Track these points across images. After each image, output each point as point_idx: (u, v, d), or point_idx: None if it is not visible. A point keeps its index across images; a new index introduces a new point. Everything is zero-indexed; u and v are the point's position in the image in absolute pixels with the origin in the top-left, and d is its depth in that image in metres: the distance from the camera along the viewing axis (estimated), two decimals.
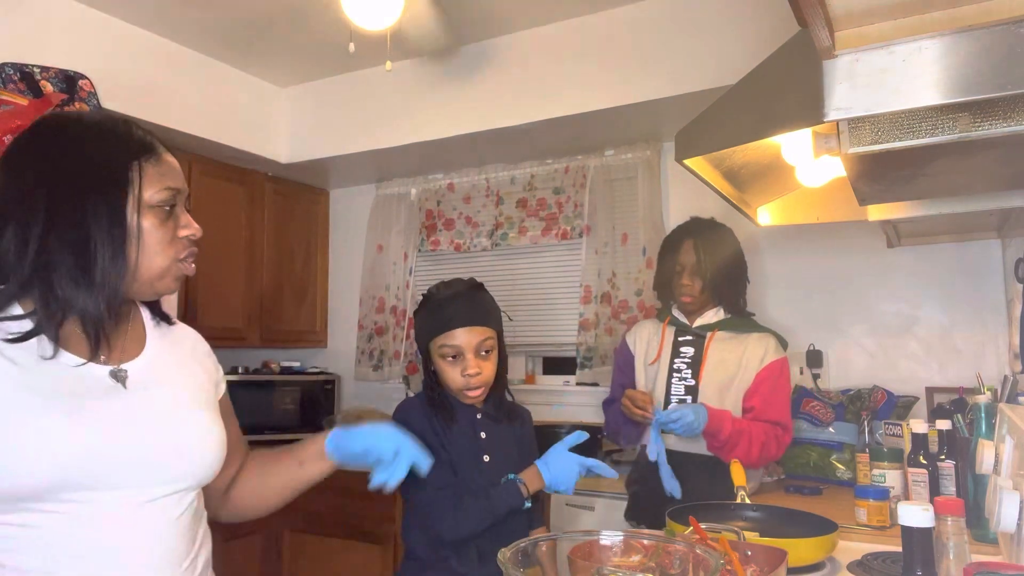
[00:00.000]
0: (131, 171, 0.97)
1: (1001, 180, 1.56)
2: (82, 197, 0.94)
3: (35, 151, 0.98)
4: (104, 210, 0.95)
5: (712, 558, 0.92)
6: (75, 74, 2.61)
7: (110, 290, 0.95)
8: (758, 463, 2.00)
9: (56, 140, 0.99)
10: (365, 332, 3.77)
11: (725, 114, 1.46)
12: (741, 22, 2.55)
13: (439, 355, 1.59)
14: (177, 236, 1.03)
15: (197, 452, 1.03)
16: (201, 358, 1.17)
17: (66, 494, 0.90)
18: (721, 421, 1.92)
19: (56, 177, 0.95)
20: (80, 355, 0.96)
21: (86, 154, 0.98)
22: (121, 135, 1.01)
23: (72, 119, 1.02)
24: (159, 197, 0.99)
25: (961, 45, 0.89)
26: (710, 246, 2.11)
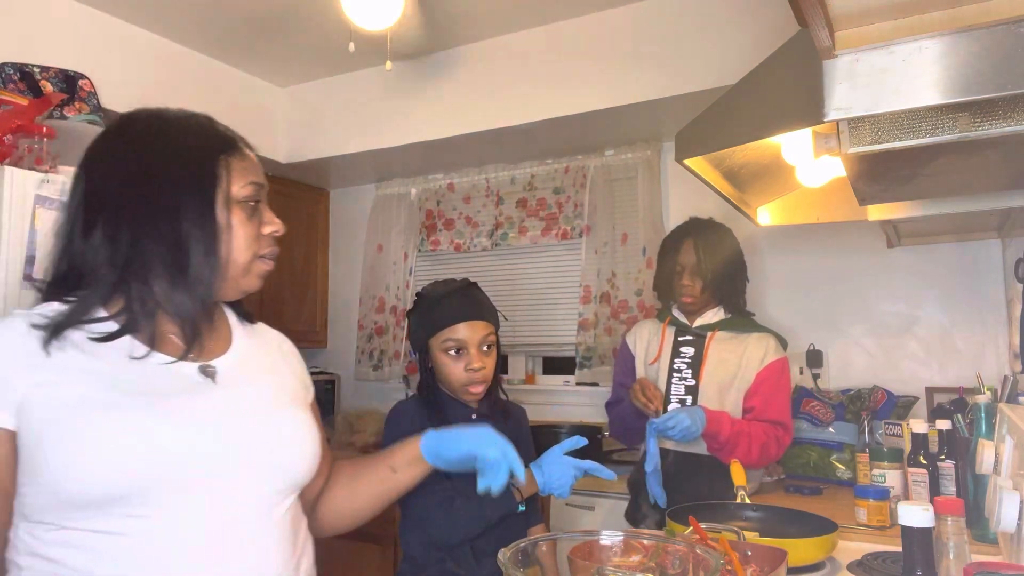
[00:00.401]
0: (219, 166, 0.96)
1: (1001, 180, 1.56)
2: (174, 194, 0.93)
3: (122, 148, 0.97)
4: (196, 207, 0.93)
5: (712, 558, 0.92)
6: (75, 74, 2.62)
7: (204, 287, 0.94)
8: (758, 463, 2.00)
9: (143, 137, 0.97)
10: (365, 332, 3.77)
11: (725, 114, 1.46)
12: (741, 22, 2.55)
13: (441, 350, 1.58)
14: (261, 233, 1.01)
15: (293, 450, 0.99)
16: (289, 358, 1.15)
17: (157, 496, 0.85)
18: (719, 423, 1.92)
19: (146, 174, 0.93)
20: (170, 353, 0.94)
21: (175, 150, 0.96)
22: (206, 130, 1.01)
23: (155, 115, 1.00)
24: (245, 192, 0.98)
25: (961, 45, 0.89)
26: (710, 246, 2.11)
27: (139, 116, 1.00)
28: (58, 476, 0.82)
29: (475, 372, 1.57)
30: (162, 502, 0.85)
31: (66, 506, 0.83)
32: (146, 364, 0.91)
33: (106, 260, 0.91)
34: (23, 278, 2.06)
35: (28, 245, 2.07)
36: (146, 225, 0.91)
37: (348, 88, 3.44)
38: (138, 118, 1.00)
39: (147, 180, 0.93)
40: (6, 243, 2.04)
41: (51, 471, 0.82)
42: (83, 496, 0.82)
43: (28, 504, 0.85)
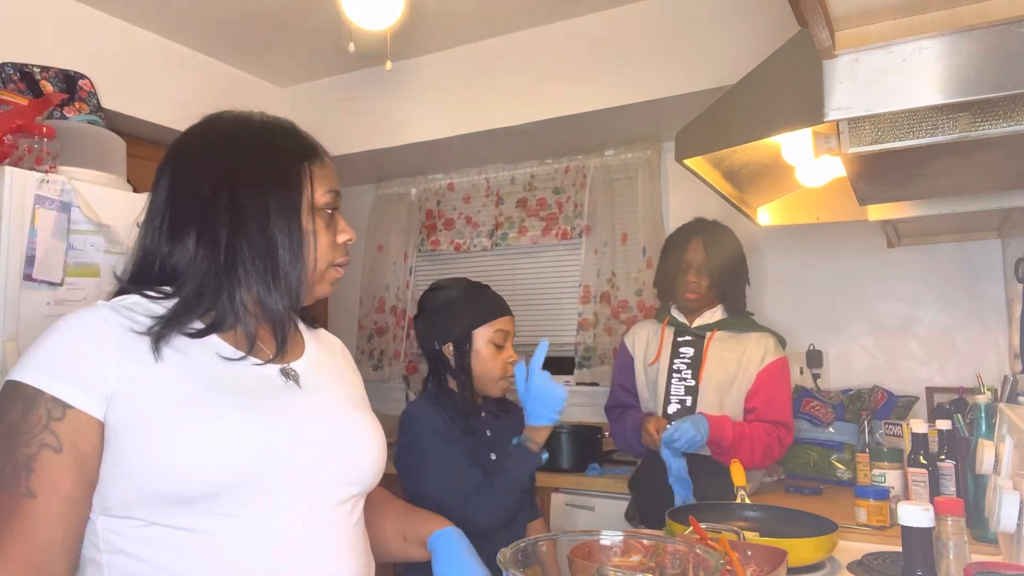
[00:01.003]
0: (303, 173, 0.97)
1: (1001, 180, 1.56)
2: (264, 199, 0.93)
3: (209, 148, 0.97)
4: (285, 212, 0.94)
5: (712, 558, 0.92)
6: (75, 74, 2.62)
7: (294, 292, 0.95)
8: (761, 465, 2.01)
9: (231, 139, 0.98)
10: (365, 332, 3.77)
11: (725, 114, 1.46)
12: (741, 22, 2.54)
13: (489, 340, 1.61)
14: (336, 241, 1.01)
15: (370, 452, 1.00)
16: (350, 362, 1.17)
17: (246, 496, 0.85)
18: (722, 429, 1.92)
19: (236, 179, 0.94)
20: (255, 355, 0.95)
21: (263, 154, 0.97)
22: (290, 135, 1.01)
23: (242, 119, 1.01)
24: (325, 200, 0.99)
25: (961, 45, 0.89)
26: (717, 245, 2.11)
27: (222, 119, 1.01)
28: (151, 470, 0.82)
29: (511, 366, 1.61)
30: (250, 502, 0.86)
31: (156, 502, 0.82)
32: (234, 365, 0.92)
33: (203, 263, 0.92)
34: (23, 278, 2.06)
35: (28, 245, 2.07)
36: (240, 229, 0.92)
37: (348, 88, 3.44)
38: (221, 121, 1.01)
39: (238, 183, 0.94)
40: (6, 243, 2.04)
41: (143, 465, 0.82)
42: (175, 492, 0.82)
43: (112, 498, 0.83)
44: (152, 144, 3.12)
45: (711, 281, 2.10)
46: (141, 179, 2.77)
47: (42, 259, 2.09)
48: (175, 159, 0.98)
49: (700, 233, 2.14)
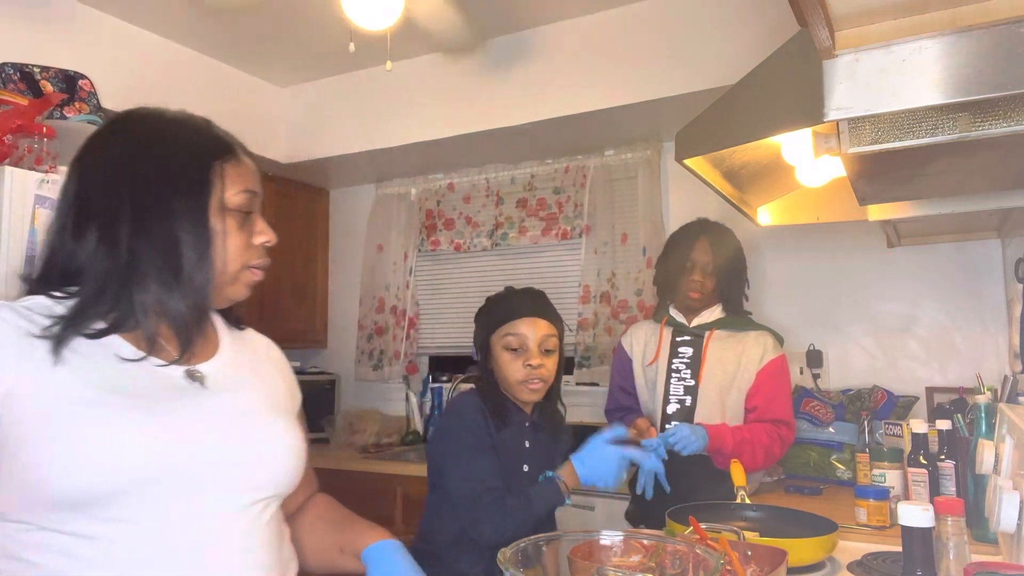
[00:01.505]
0: (214, 172, 0.95)
1: (1001, 180, 1.56)
2: (168, 197, 0.91)
3: (117, 147, 0.95)
4: (190, 211, 0.92)
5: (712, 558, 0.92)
6: (75, 74, 2.61)
7: (199, 293, 0.92)
8: (763, 467, 2.01)
9: (139, 137, 0.96)
10: (365, 332, 3.77)
11: (725, 114, 1.46)
12: (741, 22, 2.55)
13: (502, 346, 1.59)
14: (252, 242, 0.99)
15: (279, 456, 0.97)
16: (278, 365, 1.13)
17: (139, 500, 0.83)
18: (721, 438, 1.91)
19: (141, 175, 0.92)
20: (160, 357, 0.92)
21: (171, 153, 0.94)
22: (203, 133, 0.99)
23: (152, 115, 0.98)
24: (238, 200, 0.96)
25: (961, 45, 0.89)
26: (723, 246, 2.12)
27: (135, 115, 0.99)
28: (40, 474, 0.80)
29: (533, 368, 1.57)
30: (144, 506, 0.83)
31: (47, 506, 0.81)
32: (134, 366, 0.90)
33: (102, 262, 0.89)
34: (23, 278, 2.06)
35: (28, 245, 2.07)
36: (141, 228, 0.90)
37: (348, 88, 3.44)
38: (134, 117, 0.98)
39: (142, 182, 0.91)
40: (6, 243, 2.04)
41: (33, 468, 0.80)
42: (65, 496, 0.80)
43: (4, 502, 0.82)
44: None
45: (716, 281, 2.10)
46: None
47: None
48: (81, 158, 0.96)
49: (706, 233, 2.14)
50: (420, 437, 3.51)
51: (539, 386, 1.59)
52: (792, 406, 2.11)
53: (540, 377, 1.58)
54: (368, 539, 1.08)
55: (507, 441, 1.59)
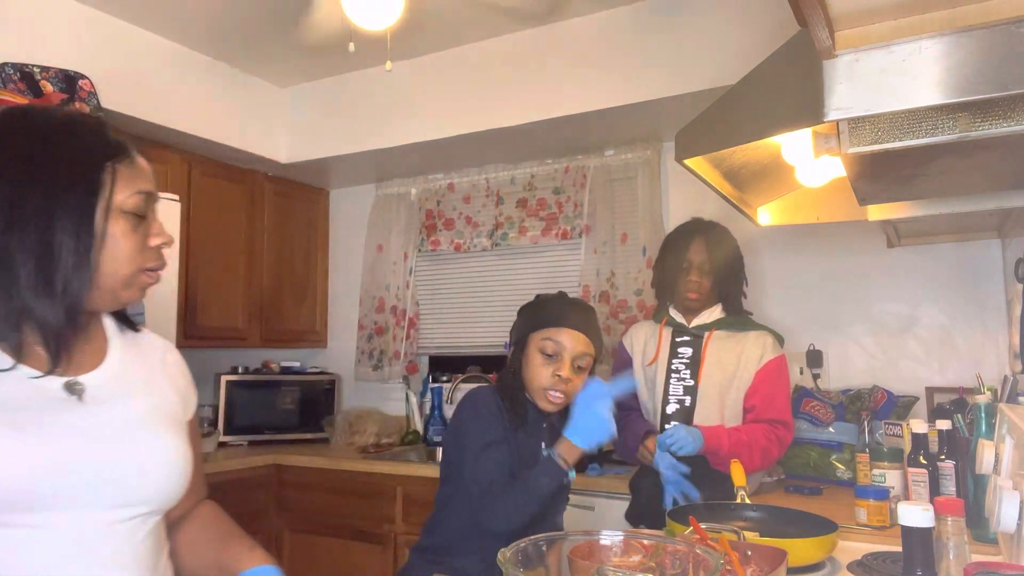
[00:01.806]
0: (104, 173, 0.90)
1: (1001, 180, 1.56)
2: (49, 197, 0.87)
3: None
4: (72, 213, 0.88)
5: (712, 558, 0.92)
6: (75, 74, 2.62)
7: (72, 299, 0.88)
8: (760, 468, 2.01)
9: (22, 134, 0.91)
10: (365, 332, 3.77)
11: (725, 114, 1.46)
12: (741, 22, 2.55)
13: (537, 348, 1.59)
14: (147, 245, 0.95)
15: (160, 472, 0.94)
16: (171, 371, 1.08)
17: (13, 515, 0.81)
18: (718, 439, 1.92)
19: (21, 173, 0.88)
20: (35, 367, 0.89)
21: (55, 151, 0.90)
22: (94, 134, 0.94)
23: (40, 112, 0.94)
24: (132, 202, 0.92)
25: (961, 45, 0.89)
26: (719, 246, 2.12)
27: (24, 111, 0.94)
28: None
29: (561, 381, 1.57)
30: (12, 522, 0.81)
31: None
32: (8, 378, 0.87)
33: None
34: None
35: None
36: (14, 227, 0.85)
37: (348, 88, 3.44)
38: (22, 113, 0.94)
39: (20, 179, 0.87)
40: None
41: None
42: None
43: None
44: (152, 144, 3.12)
45: (712, 281, 2.10)
46: None
47: None
48: None
49: (702, 233, 2.14)
50: (420, 437, 3.51)
51: (560, 400, 1.59)
52: (791, 406, 2.11)
53: (564, 391, 1.58)
54: (246, 562, 1.03)
55: (522, 441, 1.60)
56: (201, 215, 3.30)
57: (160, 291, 2.44)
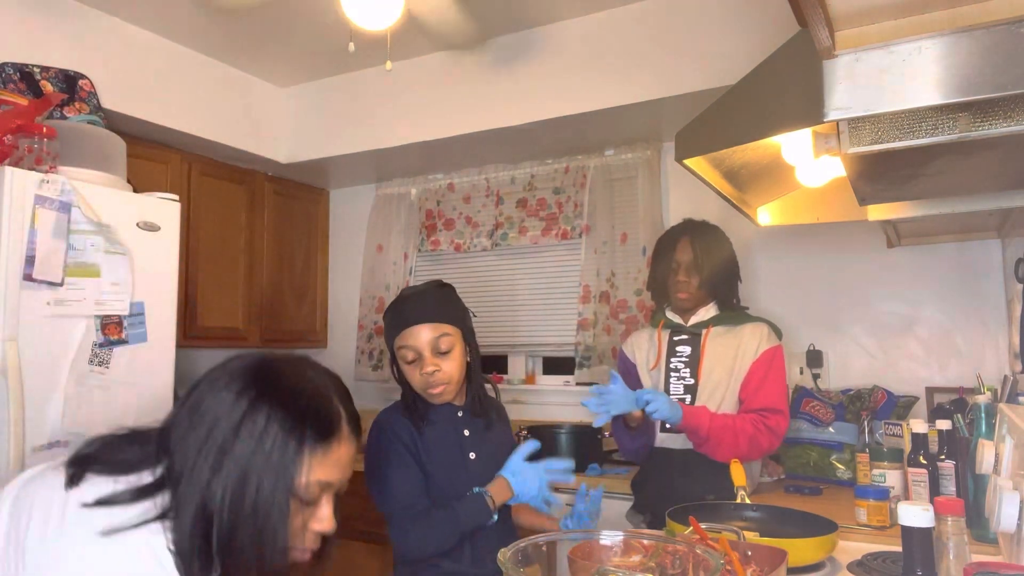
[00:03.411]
0: (304, 460, 0.92)
1: (1001, 180, 1.56)
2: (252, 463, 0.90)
3: (237, 388, 0.94)
4: (268, 487, 0.90)
5: (712, 558, 0.92)
6: (75, 74, 2.62)
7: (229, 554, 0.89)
8: (748, 455, 1.96)
9: (263, 389, 0.94)
10: (365, 332, 3.77)
11: (725, 114, 1.46)
12: (741, 22, 2.54)
13: (400, 358, 1.59)
14: (309, 527, 0.96)
15: None
16: None
17: None
18: (698, 417, 1.91)
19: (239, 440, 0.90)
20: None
21: (280, 421, 0.92)
22: (318, 406, 0.96)
23: (288, 378, 0.97)
24: (313, 491, 0.94)
25: (961, 45, 0.89)
26: (706, 244, 2.11)
27: (280, 364, 0.99)
28: None
29: (429, 376, 1.56)
30: None
31: None
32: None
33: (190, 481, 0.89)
34: (23, 278, 2.06)
35: (28, 245, 2.07)
36: (218, 468, 0.89)
37: (348, 88, 3.44)
38: (278, 366, 0.98)
39: (235, 447, 0.90)
40: (6, 243, 2.04)
41: None
42: None
43: None
44: (152, 144, 3.12)
45: (701, 279, 2.10)
46: (141, 179, 2.78)
47: (42, 259, 2.09)
48: (211, 377, 0.97)
49: (687, 233, 2.14)
50: None
51: (441, 389, 1.58)
52: (786, 395, 2.08)
53: (438, 381, 1.57)
54: None
55: (442, 437, 1.60)
56: (201, 215, 3.30)
57: (160, 291, 2.44)
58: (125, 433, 0.99)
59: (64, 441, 2.14)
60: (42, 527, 0.90)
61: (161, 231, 2.46)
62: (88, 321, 2.21)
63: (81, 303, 2.19)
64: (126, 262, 2.29)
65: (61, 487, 0.92)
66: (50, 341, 2.12)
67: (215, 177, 3.40)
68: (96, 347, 2.22)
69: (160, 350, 2.42)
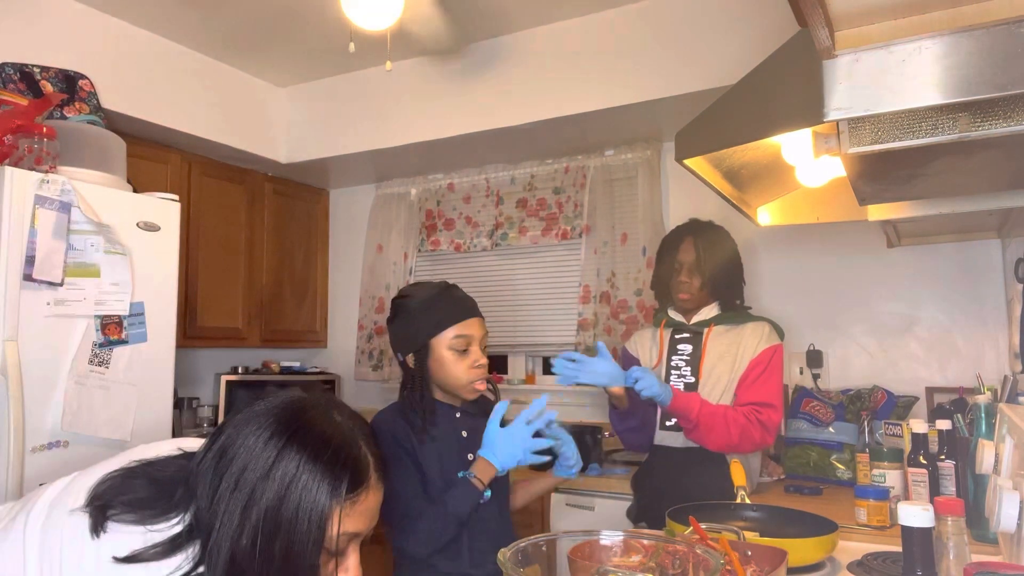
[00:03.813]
0: (334, 513, 0.90)
1: (1001, 180, 1.56)
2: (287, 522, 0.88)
3: (270, 436, 0.91)
4: (299, 541, 0.88)
5: (712, 558, 0.92)
6: (75, 74, 2.62)
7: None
8: (740, 446, 1.95)
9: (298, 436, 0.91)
10: (365, 332, 3.77)
11: (725, 114, 1.46)
12: (741, 22, 2.55)
13: (450, 348, 1.58)
14: (333, 574, 0.94)
15: None
16: None
17: None
18: (688, 401, 1.91)
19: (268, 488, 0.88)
20: None
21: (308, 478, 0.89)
22: (346, 461, 0.93)
23: (317, 424, 0.94)
24: (342, 542, 0.93)
25: (961, 45, 0.89)
26: (709, 244, 2.11)
27: (308, 408, 0.95)
28: None
29: (481, 369, 1.59)
30: None
31: None
32: None
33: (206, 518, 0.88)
34: (23, 278, 2.06)
35: (28, 245, 2.07)
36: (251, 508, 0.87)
37: (348, 88, 3.44)
38: (306, 411, 0.95)
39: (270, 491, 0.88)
40: (6, 243, 2.04)
41: None
42: None
43: None
44: (152, 144, 3.12)
45: (703, 281, 2.10)
46: (141, 179, 2.78)
47: (42, 259, 2.09)
48: (243, 420, 0.94)
49: (690, 233, 2.14)
50: None
51: (484, 384, 1.61)
52: (781, 393, 2.08)
53: (484, 375, 1.61)
54: None
55: (442, 439, 1.59)
56: (201, 215, 3.30)
57: (160, 291, 2.44)
58: (139, 468, 0.97)
59: (64, 441, 2.15)
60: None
61: (161, 231, 2.46)
62: (88, 321, 2.21)
63: (81, 303, 2.19)
64: (126, 262, 2.29)
65: (86, 535, 0.90)
66: (50, 341, 2.12)
67: (215, 177, 3.40)
68: (96, 347, 2.23)
69: (160, 350, 2.43)
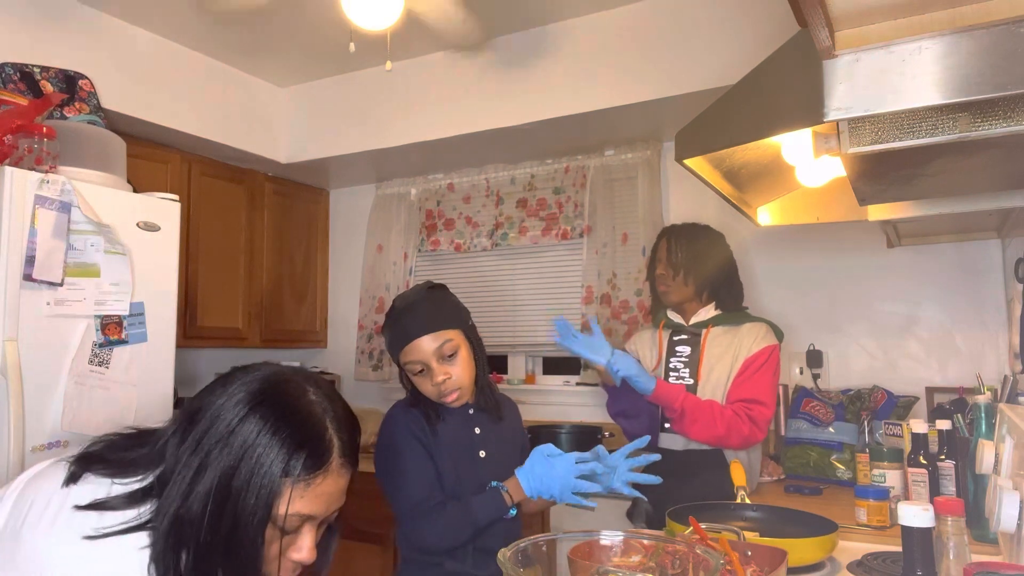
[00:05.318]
0: (285, 490, 0.89)
1: (1001, 180, 1.56)
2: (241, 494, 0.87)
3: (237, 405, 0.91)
4: (246, 509, 0.87)
5: (712, 558, 0.92)
6: (75, 74, 2.62)
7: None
8: (726, 439, 1.95)
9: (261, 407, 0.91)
10: (365, 332, 3.77)
11: (725, 114, 1.46)
12: (741, 22, 2.55)
13: (408, 371, 1.57)
14: (287, 555, 0.93)
15: None
16: None
17: None
18: (673, 390, 1.92)
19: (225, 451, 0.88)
20: None
21: (266, 447, 0.89)
22: (308, 436, 0.92)
23: (287, 397, 0.93)
24: (292, 522, 0.91)
25: (961, 45, 0.89)
26: (682, 239, 2.14)
27: (284, 382, 0.95)
28: None
29: (440, 385, 1.54)
30: None
31: None
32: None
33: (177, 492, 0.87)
34: (23, 278, 2.06)
35: (28, 245, 2.07)
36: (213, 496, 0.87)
37: (348, 88, 3.44)
38: (281, 383, 0.95)
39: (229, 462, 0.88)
40: (6, 243, 2.04)
41: None
42: None
43: None
44: (152, 144, 3.12)
45: (680, 273, 2.10)
46: (141, 179, 2.78)
47: (42, 259, 2.09)
48: (216, 387, 0.95)
49: (667, 233, 2.19)
50: None
51: (455, 395, 1.56)
52: (774, 392, 2.07)
53: (450, 388, 1.55)
54: None
55: (453, 433, 1.58)
56: (201, 215, 3.30)
57: (160, 291, 2.44)
58: (132, 433, 0.99)
59: (64, 441, 2.14)
60: (36, 522, 0.89)
61: (161, 231, 2.46)
62: (88, 321, 2.21)
63: (81, 303, 2.19)
64: (126, 262, 2.29)
65: (58, 484, 0.92)
66: (50, 341, 2.12)
67: (215, 177, 3.40)
68: (96, 347, 2.23)
69: (160, 350, 2.42)
